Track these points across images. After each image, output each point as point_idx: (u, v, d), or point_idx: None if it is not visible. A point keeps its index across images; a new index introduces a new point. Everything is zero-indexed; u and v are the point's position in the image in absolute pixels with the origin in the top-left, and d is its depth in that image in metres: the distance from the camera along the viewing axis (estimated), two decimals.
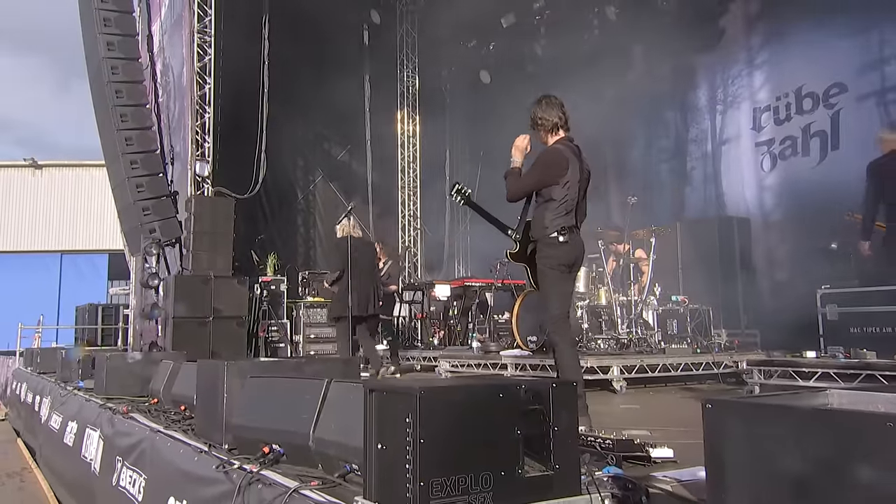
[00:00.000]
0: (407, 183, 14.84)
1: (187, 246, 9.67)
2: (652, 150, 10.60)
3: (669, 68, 10.13)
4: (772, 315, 7.30)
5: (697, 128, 9.84)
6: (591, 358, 5.83)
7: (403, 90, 14.87)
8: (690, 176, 9.84)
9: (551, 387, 2.10)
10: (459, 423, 1.94)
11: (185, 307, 8.68)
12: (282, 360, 3.66)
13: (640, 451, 2.73)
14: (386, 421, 2.07)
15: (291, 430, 2.90)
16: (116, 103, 9.71)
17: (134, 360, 5.92)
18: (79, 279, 23.74)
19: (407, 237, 14.69)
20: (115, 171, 10.34)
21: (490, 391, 2.02)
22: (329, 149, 14.19)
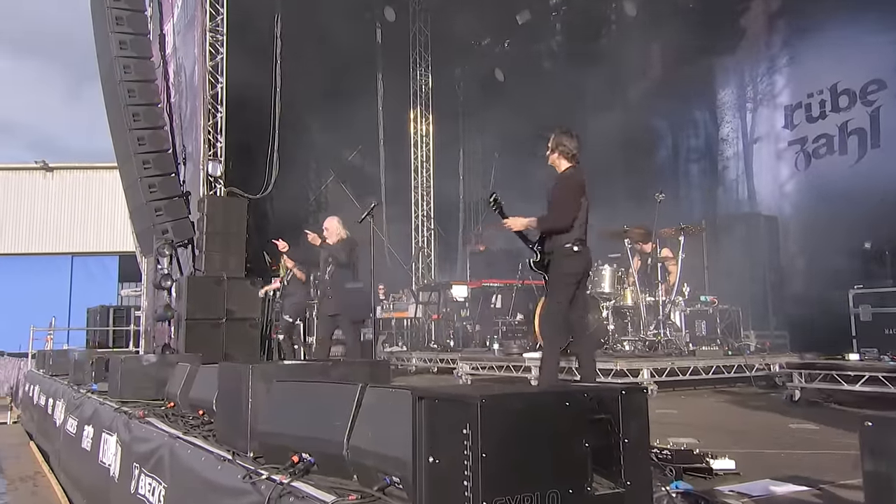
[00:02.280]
0: (420, 183, 14.70)
1: (200, 247, 9.56)
2: (681, 149, 10.42)
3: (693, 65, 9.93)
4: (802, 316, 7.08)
5: (728, 126, 9.63)
6: (621, 360, 5.63)
7: (416, 89, 14.71)
8: (722, 175, 9.64)
9: (620, 394, 1.90)
10: (523, 434, 1.74)
11: (198, 308, 8.60)
12: (307, 364, 3.49)
13: (700, 462, 2.52)
14: (439, 432, 1.88)
15: (323, 438, 2.72)
16: (129, 102, 9.61)
17: (149, 363, 5.79)
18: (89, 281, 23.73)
19: (420, 238, 14.54)
20: (127, 171, 10.24)
21: (555, 399, 1.82)
22: (341, 149, 14.05)
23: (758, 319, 7.33)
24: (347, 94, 12.85)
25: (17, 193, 24.17)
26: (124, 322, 15.96)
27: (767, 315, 7.49)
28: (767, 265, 7.81)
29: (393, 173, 13.73)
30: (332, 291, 6.37)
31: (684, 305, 6.52)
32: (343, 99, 12.94)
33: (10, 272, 22.75)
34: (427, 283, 10.96)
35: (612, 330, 6.58)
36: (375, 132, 13.51)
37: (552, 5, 12.16)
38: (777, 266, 8.03)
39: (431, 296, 10.34)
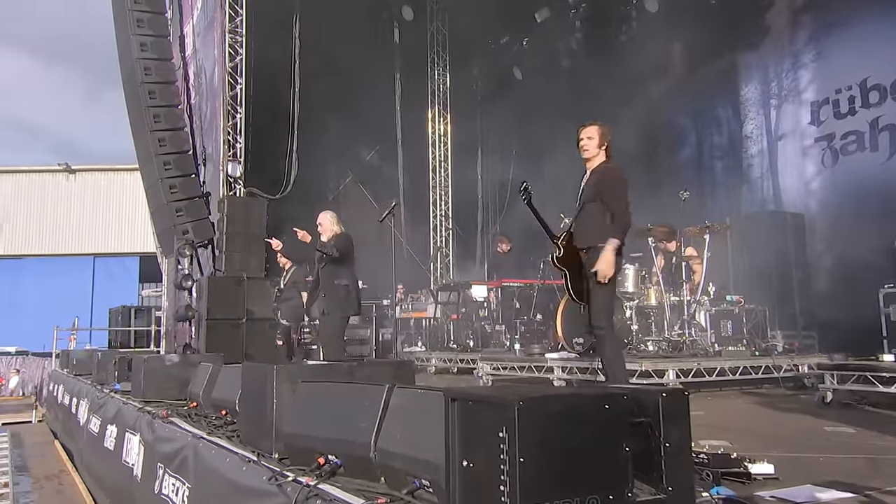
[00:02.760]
0: (438, 182, 14.66)
1: (220, 247, 9.63)
2: (704, 146, 10.26)
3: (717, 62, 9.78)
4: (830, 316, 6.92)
5: (751, 123, 9.47)
6: (646, 361, 5.54)
7: (434, 88, 14.67)
8: (746, 173, 9.48)
9: (661, 396, 1.83)
10: (562, 438, 1.69)
11: (218, 309, 8.63)
12: (332, 364, 3.46)
13: (738, 466, 2.44)
14: (473, 435, 1.82)
15: (349, 440, 2.68)
16: (149, 104, 9.65)
17: (171, 363, 5.81)
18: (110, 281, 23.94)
19: (438, 237, 14.51)
20: (148, 173, 10.29)
21: (594, 402, 1.76)
22: (359, 149, 14.04)
23: (785, 319, 7.18)
24: (365, 94, 12.81)
25: (41, 195, 24.49)
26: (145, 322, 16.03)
27: (794, 315, 7.33)
28: (794, 264, 7.66)
29: (411, 173, 13.70)
30: (324, 288, 6.28)
31: (709, 305, 6.41)
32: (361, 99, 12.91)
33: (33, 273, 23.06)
34: (446, 283, 10.91)
35: (636, 330, 6.48)
36: (393, 132, 13.50)
37: (571, 3, 12.06)
38: (804, 265, 7.87)
39: (451, 296, 10.27)
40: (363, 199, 14.03)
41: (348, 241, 6.30)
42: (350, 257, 6.33)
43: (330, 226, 6.33)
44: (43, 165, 25.41)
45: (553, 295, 8.45)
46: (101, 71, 47.58)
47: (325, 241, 6.22)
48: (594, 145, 4.21)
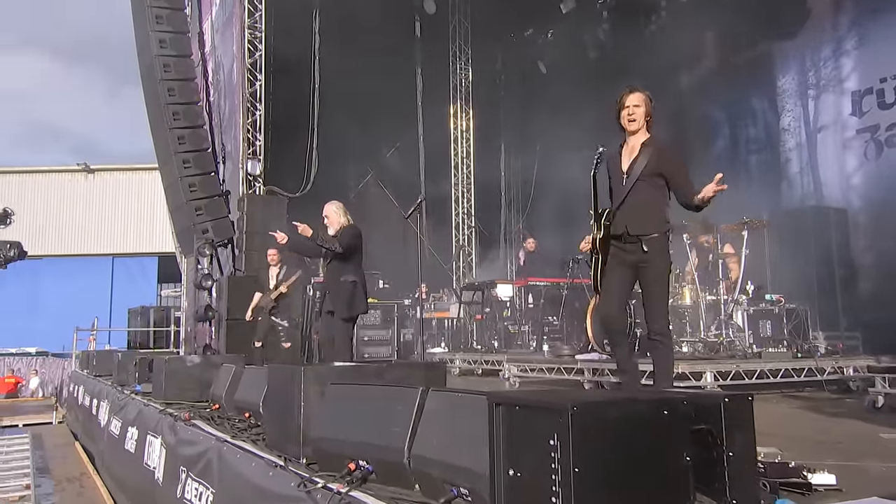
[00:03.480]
0: (460, 179, 14.57)
1: (239, 246, 9.64)
2: (739, 140, 10.05)
3: (751, 51, 9.58)
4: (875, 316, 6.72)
5: (789, 115, 9.24)
6: (683, 363, 5.40)
7: (456, 83, 14.57)
8: (784, 167, 9.26)
9: (723, 401, 1.74)
10: (619, 446, 1.60)
11: (239, 309, 8.60)
12: (361, 365, 3.40)
13: (796, 476, 2.32)
14: (521, 442, 1.74)
15: (382, 445, 2.61)
16: (169, 101, 9.75)
17: (193, 364, 5.82)
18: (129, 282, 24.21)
19: (461, 236, 14.42)
20: (167, 171, 10.38)
21: (652, 407, 1.67)
22: (379, 146, 14.00)
23: (827, 319, 6.97)
24: (386, 89, 12.77)
25: (60, 196, 24.85)
26: (164, 323, 16.18)
27: (837, 315, 7.13)
28: (837, 261, 7.45)
29: (432, 170, 13.64)
30: (329, 286, 6.06)
31: (747, 304, 6.25)
32: (381, 95, 12.88)
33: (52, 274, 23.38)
34: (470, 283, 10.82)
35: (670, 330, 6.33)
36: (415, 128, 13.43)
37: None
38: (847, 262, 7.65)
39: (475, 295, 10.19)
40: (384, 197, 14.01)
41: (355, 235, 6.00)
42: (358, 252, 6.03)
43: (337, 217, 6.04)
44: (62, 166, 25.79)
45: (581, 294, 8.34)
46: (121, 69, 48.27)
47: (330, 234, 5.96)
48: (642, 114, 3.75)
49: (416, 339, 11.12)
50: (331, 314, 6.08)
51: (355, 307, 5.96)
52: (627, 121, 3.77)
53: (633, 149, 3.79)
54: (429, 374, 3.41)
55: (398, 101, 13.19)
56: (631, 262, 3.69)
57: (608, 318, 3.82)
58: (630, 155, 3.78)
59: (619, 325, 3.90)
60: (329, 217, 6.10)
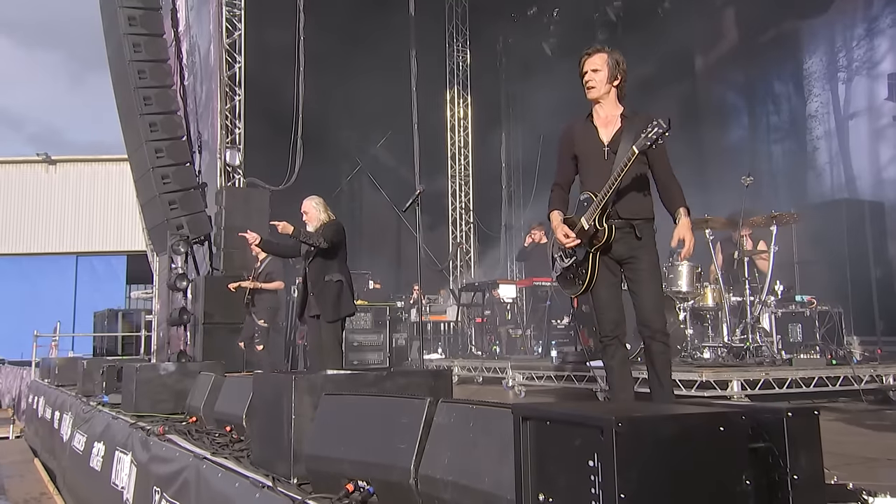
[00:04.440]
0: (458, 171, 14.55)
1: (217, 243, 9.54)
2: (760, 127, 10.00)
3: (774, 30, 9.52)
4: None
5: (817, 100, 9.18)
6: (707, 370, 5.32)
7: (453, 67, 14.55)
8: (812, 157, 9.20)
9: (786, 416, 1.63)
10: (670, 469, 1.49)
11: (217, 311, 8.65)
12: (357, 374, 3.30)
13: (855, 500, 2.22)
14: (553, 463, 1.63)
15: (384, 464, 2.52)
16: (139, 84, 9.58)
17: (167, 372, 5.73)
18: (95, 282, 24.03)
19: (458, 232, 14.38)
20: (138, 161, 10.22)
21: (706, 422, 1.56)
22: (370, 135, 13.97)
23: (862, 323, 6.90)
24: (377, 73, 12.68)
25: (18, 189, 24.58)
26: (134, 327, 16.08)
27: (873, 318, 7.07)
28: (872, 259, 7.38)
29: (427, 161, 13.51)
30: (313, 286, 5.99)
31: (775, 306, 6.18)
32: (372, 79, 12.80)
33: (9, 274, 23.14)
34: (470, 283, 10.73)
35: (691, 335, 6.27)
36: (408, 116, 13.30)
37: None
38: (884, 260, 7.59)
39: (475, 296, 10.11)
40: (374, 191, 13.94)
41: (339, 230, 5.99)
42: (342, 248, 6.02)
43: (316, 213, 6.03)
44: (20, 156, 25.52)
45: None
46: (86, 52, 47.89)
47: (309, 230, 5.93)
48: (602, 79, 3.56)
49: (409, 344, 11.09)
50: (316, 318, 6.03)
51: (342, 308, 5.92)
52: (585, 88, 3.62)
53: (610, 120, 3.62)
54: (434, 384, 3.31)
55: (390, 86, 13.04)
56: (616, 258, 3.54)
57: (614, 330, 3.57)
58: (607, 126, 3.61)
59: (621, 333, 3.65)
60: (308, 213, 6.07)
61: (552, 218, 3.76)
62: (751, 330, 6.06)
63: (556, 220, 3.71)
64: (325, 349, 5.98)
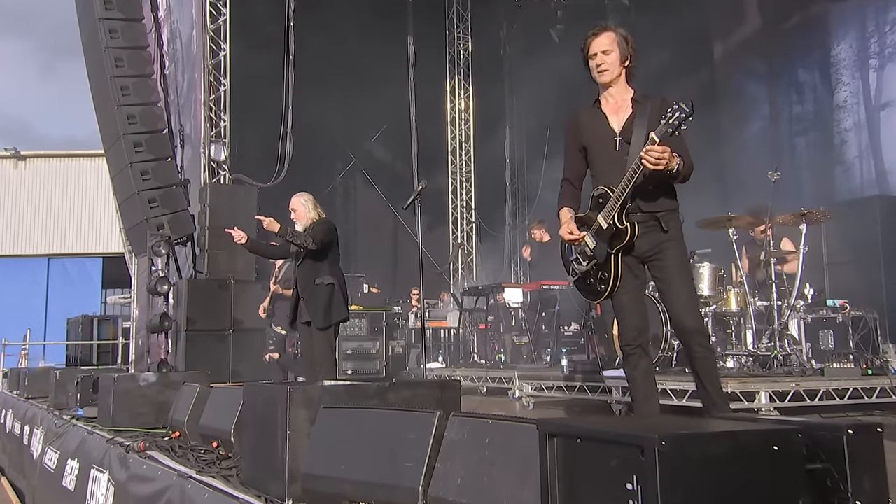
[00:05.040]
0: (459, 167, 14.56)
1: (201, 244, 9.47)
2: (782, 118, 9.94)
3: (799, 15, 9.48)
4: None
5: (845, 90, 9.13)
6: (732, 381, 5.24)
7: (454, 55, 14.54)
8: (840, 151, 9.14)
9: (846, 434, 1.56)
10: (719, 492, 1.42)
11: (200, 317, 8.63)
12: (358, 385, 3.24)
13: None
14: (585, 486, 1.56)
15: (389, 484, 2.49)
16: (116, 73, 9.55)
17: (147, 383, 5.66)
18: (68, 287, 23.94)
19: (459, 232, 14.35)
20: (115, 156, 10.18)
21: (759, 440, 1.49)
22: (364, 128, 13.99)
23: None
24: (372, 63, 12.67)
25: None
26: (111, 334, 15.99)
27: None
28: None
29: (426, 156, 13.51)
30: (303, 290, 5.96)
31: (805, 311, 6.12)
32: (367, 69, 12.78)
33: None
34: (473, 287, 10.68)
35: (713, 342, 6.18)
36: (405, 108, 13.28)
37: None
38: None
39: (478, 301, 10.05)
40: (369, 187, 13.92)
41: (329, 229, 5.96)
42: (333, 249, 5.99)
43: (305, 211, 6.00)
44: None
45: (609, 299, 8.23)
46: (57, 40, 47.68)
47: (298, 230, 5.90)
48: (615, 61, 3.44)
49: (407, 352, 11.07)
50: (307, 324, 6.01)
51: (333, 314, 5.88)
52: (597, 72, 3.49)
53: (621, 105, 3.52)
54: (441, 395, 3.25)
55: (386, 76, 13.08)
56: (639, 256, 3.43)
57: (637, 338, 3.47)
58: (617, 112, 3.52)
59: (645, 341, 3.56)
60: (296, 211, 6.04)
61: (561, 215, 3.67)
62: (778, 337, 6.00)
63: (564, 217, 3.63)
64: (317, 358, 5.95)
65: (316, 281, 5.83)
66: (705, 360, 3.41)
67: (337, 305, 5.86)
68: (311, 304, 5.86)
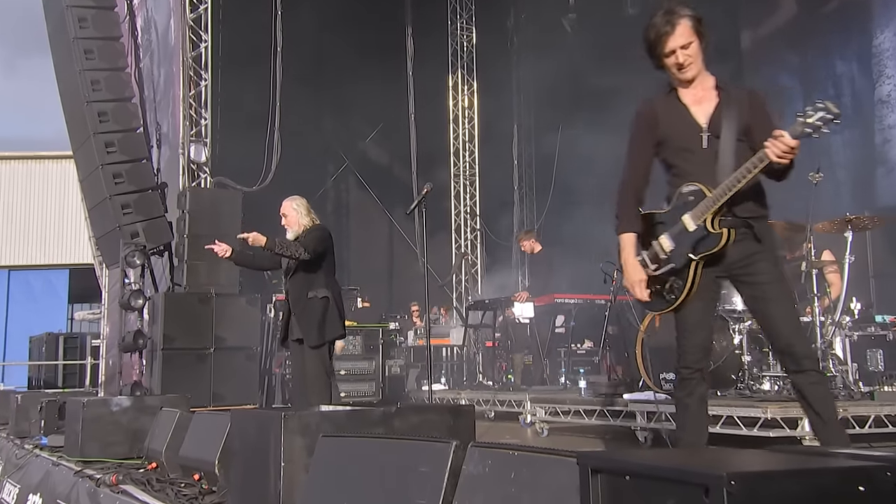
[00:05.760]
0: (462, 170, 14.51)
1: (180, 254, 9.42)
2: None
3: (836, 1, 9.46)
4: None
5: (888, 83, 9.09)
6: (772, 406, 5.16)
7: (457, 47, 14.51)
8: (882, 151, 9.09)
9: None
10: None
11: (179, 335, 8.57)
12: (361, 410, 3.19)
13: None
14: None
15: None
16: (86, 66, 9.49)
17: (120, 408, 5.69)
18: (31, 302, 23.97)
19: (462, 241, 14.33)
20: (84, 158, 10.13)
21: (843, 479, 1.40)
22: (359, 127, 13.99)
23: None
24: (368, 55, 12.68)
25: None
26: (78, 354, 15.95)
27: None
28: None
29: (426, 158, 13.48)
30: (294, 305, 5.95)
31: (850, 329, 6.03)
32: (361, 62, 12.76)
33: None
34: (479, 300, 10.62)
35: (748, 362, 6.11)
36: (403, 105, 13.26)
37: None
38: None
39: (484, 316, 9.99)
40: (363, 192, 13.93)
41: (323, 237, 5.95)
42: (328, 259, 5.97)
43: (297, 217, 5.99)
44: None
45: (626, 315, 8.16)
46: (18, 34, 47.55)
47: (290, 238, 5.88)
48: (697, 52, 3.31)
49: (406, 372, 11.01)
50: (299, 342, 5.96)
51: (328, 330, 5.84)
52: (677, 69, 3.32)
53: (704, 95, 3.37)
54: (453, 422, 3.18)
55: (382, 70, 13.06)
56: (723, 268, 3.28)
57: (700, 361, 3.35)
58: (700, 103, 3.36)
59: (706, 365, 3.45)
60: (288, 216, 6.02)
61: (623, 244, 3.47)
62: (821, 357, 5.90)
63: (629, 255, 3.43)
64: (308, 379, 5.91)
65: (309, 294, 5.80)
66: (818, 387, 3.26)
67: (331, 321, 5.83)
68: (302, 319, 5.83)
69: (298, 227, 5.93)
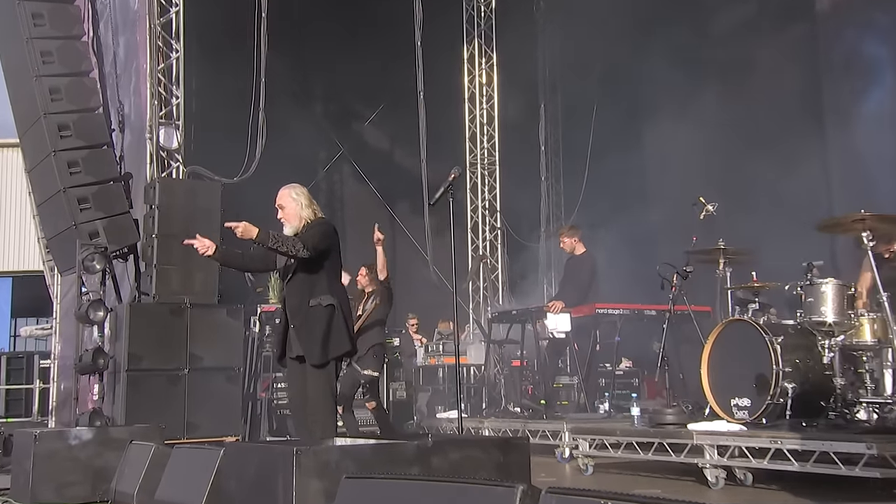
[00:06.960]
0: (480, 157, 14.55)
1: (147, 258, 9.40)
2: None
3: None
4: None
5: None
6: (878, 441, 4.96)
7: (472, 14, 14.55)
8: None
9: None
10: None
11: (147, 353, 8.61)
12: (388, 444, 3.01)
13: None
14: None
15: None
16: (35, 34, 9.58)
17: (80, 442, 5.68)
18: None
19: (480, 241, 14.41)
20: (32, 143, 10.18)
21: None
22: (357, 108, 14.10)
23: None
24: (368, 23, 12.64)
25: None
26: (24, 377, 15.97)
27: None
28: None
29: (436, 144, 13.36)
30: (293, 315, 5.87)
31: None
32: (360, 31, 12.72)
33: None
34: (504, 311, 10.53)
35: (841, 385, 5.94)
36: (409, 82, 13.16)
37: None
38: None
39: (510, 330, 9.91)
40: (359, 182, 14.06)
41: (328, 233, 5.89)
42: (332, 259, 5.91)
43: (297, 208, 5.88)
44: None
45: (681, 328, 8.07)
46: None
47: (288, 233, 5.80)
48: None
49: (414, 397, 11.00)
50: (299, 360, 5.88)
51: (333, 345, 5.76)
52: None
53: None
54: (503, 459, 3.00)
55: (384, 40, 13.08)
56: None
57: None
58: None
59: None
60: (285, 208, 5.93)
61: None
62: None
63: None
64: (310, 405, 5.81)
65: (311, 302, 5.72)
66: None
67: (337, 334, 5.74)
68: (303, 332, 5.76)
69: (298, 222, 5.83)
